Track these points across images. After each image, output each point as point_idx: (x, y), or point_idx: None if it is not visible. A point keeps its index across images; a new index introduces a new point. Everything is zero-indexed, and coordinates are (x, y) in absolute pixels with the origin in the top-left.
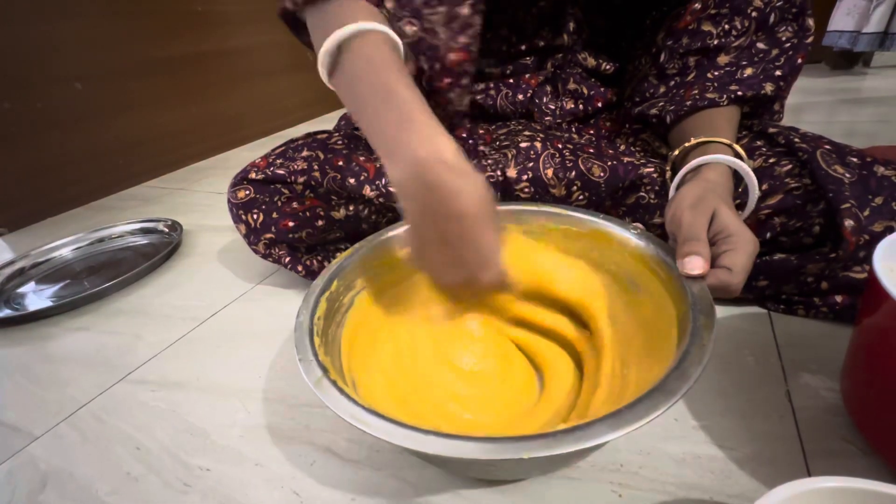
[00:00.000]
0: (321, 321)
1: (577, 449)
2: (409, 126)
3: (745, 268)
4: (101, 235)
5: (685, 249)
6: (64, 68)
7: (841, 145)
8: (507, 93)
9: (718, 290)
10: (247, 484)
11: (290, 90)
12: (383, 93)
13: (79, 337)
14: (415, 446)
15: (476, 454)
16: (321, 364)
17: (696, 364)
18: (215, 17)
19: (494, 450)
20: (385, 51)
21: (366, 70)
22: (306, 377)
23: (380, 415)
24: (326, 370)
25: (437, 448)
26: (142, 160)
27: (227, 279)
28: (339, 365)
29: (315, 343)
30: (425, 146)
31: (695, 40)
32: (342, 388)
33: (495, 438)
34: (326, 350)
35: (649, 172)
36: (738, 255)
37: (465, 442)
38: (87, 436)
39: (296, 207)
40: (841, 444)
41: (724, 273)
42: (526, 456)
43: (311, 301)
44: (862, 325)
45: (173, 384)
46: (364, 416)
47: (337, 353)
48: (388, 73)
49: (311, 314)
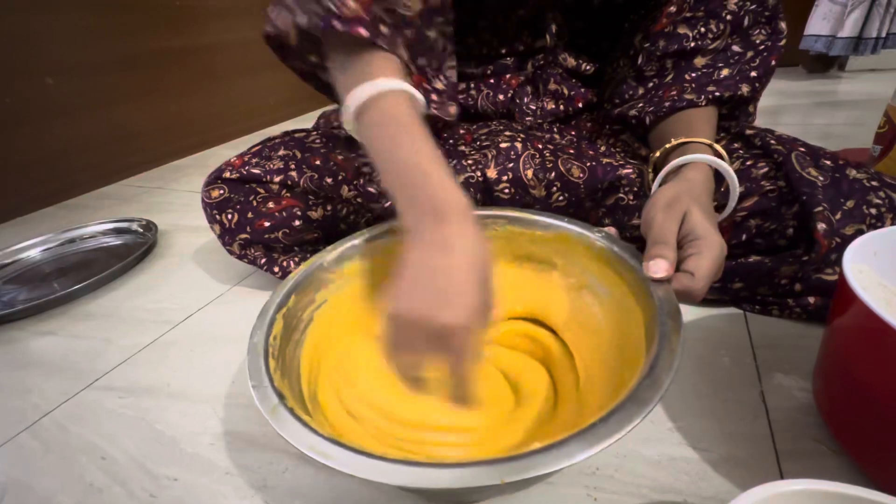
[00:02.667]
0: (277, 340)
1: (552, 470)
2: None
3: (708, 273)
4: (73, 236)
5: (651, 252)
6: (34, 63)
7: (815, 148)
8: (487, 93)
9: (681, 295)
10: (216, 493)
11: (271, 88)
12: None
13: (45, 341)
14: (383, 479)
15: (450, 483)
16: (276, 390)
17: (667, 370)
18: (194, 13)
19: (469, 477)
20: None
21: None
22: (260, 405)
23: (342, 444)
24: (283, 397)
25: (408, 479)
26: (117, 158)
27: (203, 281)
28: (299, 388)
29: (270, 366)
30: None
31: (671, 43)
32: (300, 417)
33: (468, 463)
34: (284, 373)
35: (628, 174)
36: (702, 260)
37: (437, 470)
38: (50, 446)
39: (272, 207)
40: (813, 445)
41: (686, 278)
42: (501, 482)
43: (266, 319)
44: (832, 326)
45: (143, 390)
46: (325, 447)
47: (296, 376)
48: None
49: (267, 334)
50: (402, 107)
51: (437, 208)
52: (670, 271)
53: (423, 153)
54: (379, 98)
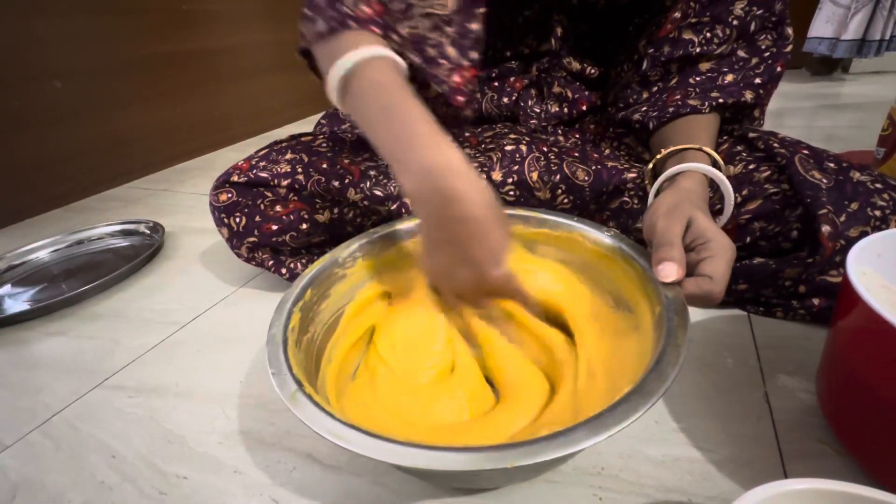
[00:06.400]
0: (295, 332)
1: (560, 455)
2: (417, 139)
3: (725, 275)
4: (81, 237)
5: (658, 255)
6: (43, 66)
7: (819, 150)
8: (492, 96)
9: (701, 300)
10: (224, 492)
11: (276, 90)
12: (391, 111)
13: (55, 342)
14: (396, 460)
15: (461, 465)
16: (295, 378)
17: (673, 364)
18: (201, 16)
19: (480, 460)
20: (388, 72)
21: (373, 92)
22: (280, 392)
23: (359, 428)
24: (301, 384)
25: (421, 461)
26: (124, 160)
27: (210, 282)
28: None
29: (289, 356)
30: (435, 156)
31: (676, 48)
32: (318, 402)
33: (480, 448)
34: (301, 362)
35: (632, 178)
36: (718, 262)
37: (450, 453)
38: (61, 444)
39: (279, 211)
40: (817, 446)
41: (705, 282)
42: (511, 465)
43: (283, 312)
44: (836, 327)
45: (151, 390)
46: (342, 430)
47: (314, 366)
48: (393, 92)
49: (285, 326)
50: (387, 72)
51: (433, 171)
52: (681, 273)
53: (412, 117)
54: (363, 65)
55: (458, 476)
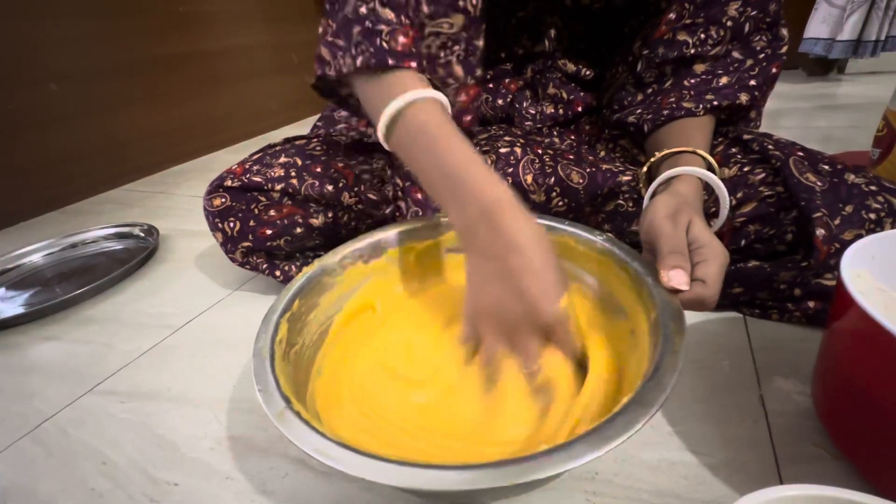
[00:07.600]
0: (283, 344)
1: (559, 472)
2: (469, 176)
3: (718, 279)
4: (75, 241)
5: (669, 262)
6: (38, 69)
7: (813, 152)
8: (486, 98)
9: (694, 304)
10: (216, 498)
11: (273, 92)
12: (440, 151)
13: (47, 346)
14: (388, 481)
15: (455, 485)
16: (283, 394)
17: (671, 372)
18: (197, 18)
19: (474, 479)
20: (437, 113)
21: (422, 132)
22: (267, 409)
23: (349, 447)
24: (289, 400)
25: (413, 481)
26: (120, 163)
27: (204, 285)
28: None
29: (276, 370)
30: (487, 192)
31: (671, 50)
32: (306, 420)
33: (474, 466)
34: (290, 375)
35: (627, 181)
36: (711, 267)
37: (442, 472)
38: (52, 450)
39: (273, 215)
40: (812, 449)
41: (698, 286)
42: (508, 483)
43: (270, 324)
44: (830, 330)
45: (144, 395)
46: (332, 449)
47: (303, 377)
48: (441, 133)
49: (272, 338)
50: (434, 113)
51: (485, 207)
52: (689, 283)
53: (461, 155)
54: (410, 108)
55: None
